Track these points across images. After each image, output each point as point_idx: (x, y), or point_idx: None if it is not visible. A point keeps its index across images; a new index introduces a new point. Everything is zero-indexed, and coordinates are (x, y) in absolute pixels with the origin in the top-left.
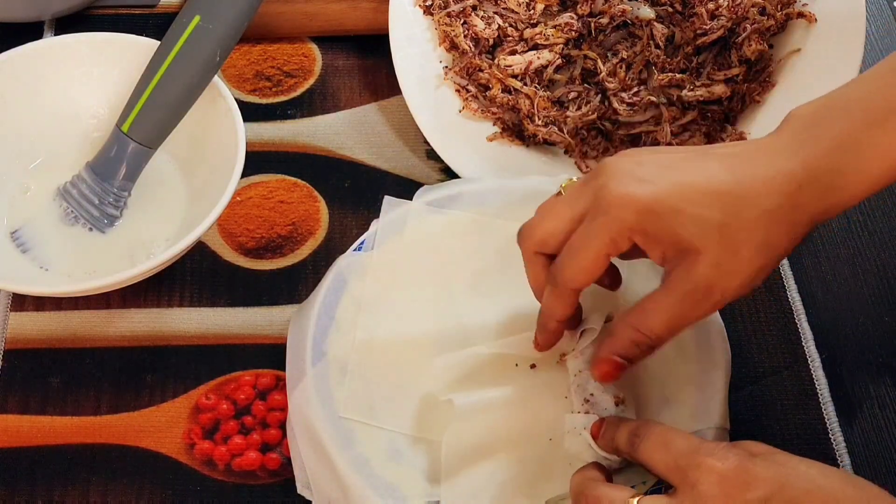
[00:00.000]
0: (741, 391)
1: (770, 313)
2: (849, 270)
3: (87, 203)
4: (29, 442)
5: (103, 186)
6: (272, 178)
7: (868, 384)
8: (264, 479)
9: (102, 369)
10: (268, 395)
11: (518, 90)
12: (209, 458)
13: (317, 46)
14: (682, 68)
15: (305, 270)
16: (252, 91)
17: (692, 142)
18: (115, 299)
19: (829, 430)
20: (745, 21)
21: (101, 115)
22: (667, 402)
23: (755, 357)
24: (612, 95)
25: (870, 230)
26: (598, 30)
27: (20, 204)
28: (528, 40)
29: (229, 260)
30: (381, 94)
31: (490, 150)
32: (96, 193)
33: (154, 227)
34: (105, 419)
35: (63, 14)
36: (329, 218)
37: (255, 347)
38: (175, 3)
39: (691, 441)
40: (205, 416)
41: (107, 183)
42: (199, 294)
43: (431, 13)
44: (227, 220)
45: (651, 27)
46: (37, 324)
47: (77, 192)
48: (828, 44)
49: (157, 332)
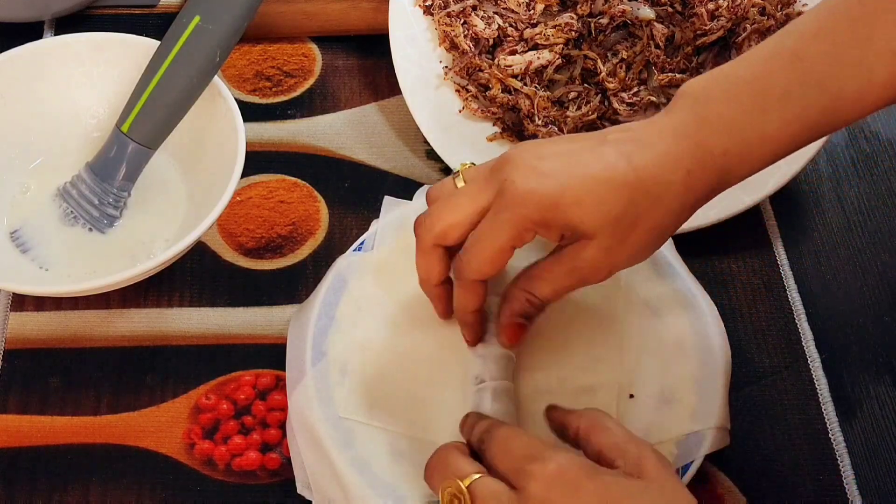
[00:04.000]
0: (741, 391)
1: (770, 313)
2: (849, 270)
3: (86, 203)
4: (29, 442)
5: (103, 187)
6: (272, 178)
7: (868, 384)
8: (264, 479)
9: (102, 369)
10: (268, 395)
11: (518, 90)
12: (209, 458)
13: (317, 46)
14: (682, 68)
15: (305, 270)
16: (252, 91)
17: None
18: (115, 299)
19: (829, 430)
20: (745, 21)
21: (100, 115)
22: (667, 402)
23: (755, 357)
24: (612, 95)
25: (870, 230)
26: (598, 30)
27: (20, 204)
28: (528, 40)
29: (229, 260)
30: (381, 94)
31: (490, 150)
32: (96, 194)
33: (154, 227)
34: (105, 419)
35: (63, 14)
36: (329, 218)
37: (255, 347)
38: (175, 3)
39: (531, 444)
40: (205, 416)
41: (106, 183)
42: (199, 294)
43: (431, 13)
44: (227, 220)
45: (651, 27)
46: (37, 324)
47: (77, 193)
48: None
49: (157, 332)
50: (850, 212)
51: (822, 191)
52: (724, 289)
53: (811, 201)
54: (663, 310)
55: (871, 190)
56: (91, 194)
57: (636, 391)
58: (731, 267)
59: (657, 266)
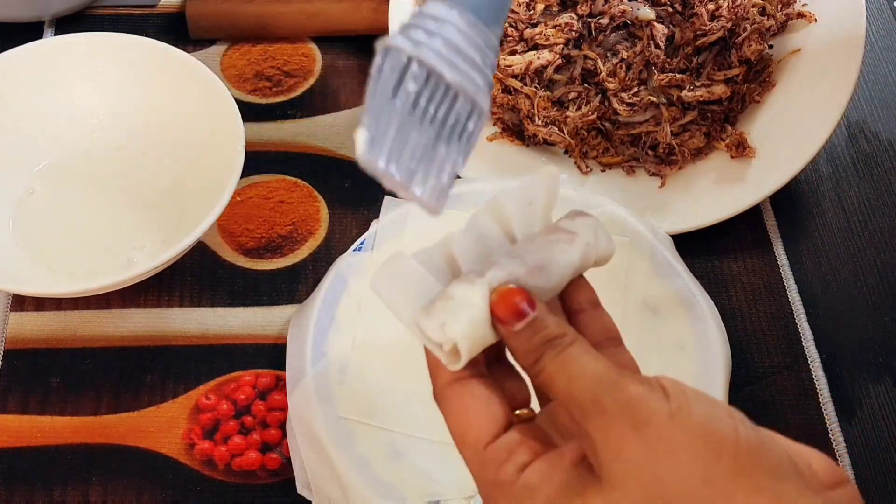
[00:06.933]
0: (741, 391)
1: (770, 313)
2: (849, 270)
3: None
4: (29, 442)
5: (486, 36)
6: (272, 178)
7: (868, 384)
8: (264, 479)
9: (102, 369)
10: (268, 395)
11: (518, 90)
12: (209, 458)
13: (317, 46)
14: (682, 68)
15: (305, 270)
16: (252, 91)
17: (692, 142)
18: (115, 299)
19: (829, 431)
20: (745, 21)
21: (100, 115)
22: None
23: (755, 357)
24: (612, 95)
25: (870, 230)
26: (598, 30)
27: (24, 205)
28: (528, 40)
29: (229, 260)
30: None
31: (490, 150)
32: (477, 48)
33: (154, 228)
34: (105, 419)
35: (63, 14)
36: (329, 218)
37: (255, 347)
38: (175, 4)
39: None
40: (205, 416)
41: (491, 30)
42: (199, 294)
43: None
44: (227, 220)
45: (651, 27)
46: (37, 324)
47: (447, 50)
48: (828, 44)
49: (157, 332)
50: (850, 212)
51: (822, 191)
52: (725, 289)
53: (811, 201)
54: (663, 310)
55: (871, 190)
56: (472, 48)
57: None
58: (731, 267)
59: (657, 266)
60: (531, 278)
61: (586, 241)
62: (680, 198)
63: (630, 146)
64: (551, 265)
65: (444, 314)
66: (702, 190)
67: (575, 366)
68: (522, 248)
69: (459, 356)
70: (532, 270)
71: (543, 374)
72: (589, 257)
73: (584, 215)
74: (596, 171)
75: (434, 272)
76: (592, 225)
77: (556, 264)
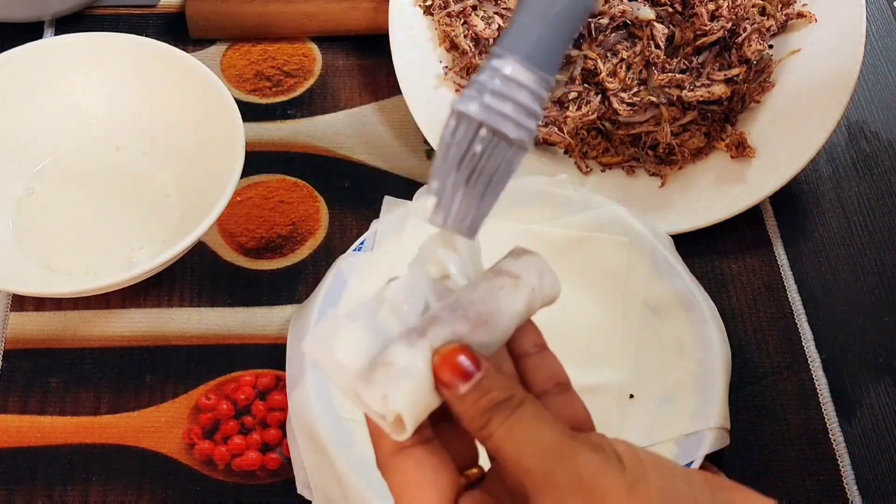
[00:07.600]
0: (741, 391)
1: (770, 313)
2: (849, 270)
3: (521, 115)
4: (29, 442)
5: (541, 79)
6: (272, 178)
7: (868, 384)
8: (264, 479)
9: (102, 369)
10: (268, 395)
11: None
12: (209, 458)
13: (317, 46)
14: (682, 68)
15: (305, 270)
16: (252, 91)
17: (692, 142)
18: (115, 299)
19: (829, 430)
20: (745, 21)
21: (101, 115)
22: (667, 402)
23: (755, 357)
24: (612, 95)
25: (870, 230)
26: (598, 30)
27: (24, 205)
28: None
29: (229, 260)
30: (380, 94)
31: None
32: (534, 95)
33: (154, 228)
34: (105, 419)
35: (63, 14)
36: (329, 218)
37: (255, 347)
38: (175, 4)
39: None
40: (205, 416)
41: (545, 72)
42: (199, 294)
43: (431, 13)
44: (227, 220)
45: (651, 27)
46: (37, 324)
47: (502, 104)
48: (828, 44)
49: (157, 332)
50: (850, 212)
51: (822, 191)
52: (724, 289)
53: (811, 201)
54: (663, 310)
55: (871, 190)
56: (534, 102)
57: (636, 391)
58: (731, 267)
59: (657, 266)
60: (475, 335)
61: (531, 287)
62: (680, 198)
63: (630, 146)
64: (496, 317)
65: (385, 384)
66: (702, 190)
67: (524, 434)
68: (465, 297)
69: (404, 427)
70: (475, 326)
71: (491, 441)
72: (535, 303)
73: (529, 253)
74: (596, 171)
75: (372, 328)
76: (537, 264)
77: (500, 316)
